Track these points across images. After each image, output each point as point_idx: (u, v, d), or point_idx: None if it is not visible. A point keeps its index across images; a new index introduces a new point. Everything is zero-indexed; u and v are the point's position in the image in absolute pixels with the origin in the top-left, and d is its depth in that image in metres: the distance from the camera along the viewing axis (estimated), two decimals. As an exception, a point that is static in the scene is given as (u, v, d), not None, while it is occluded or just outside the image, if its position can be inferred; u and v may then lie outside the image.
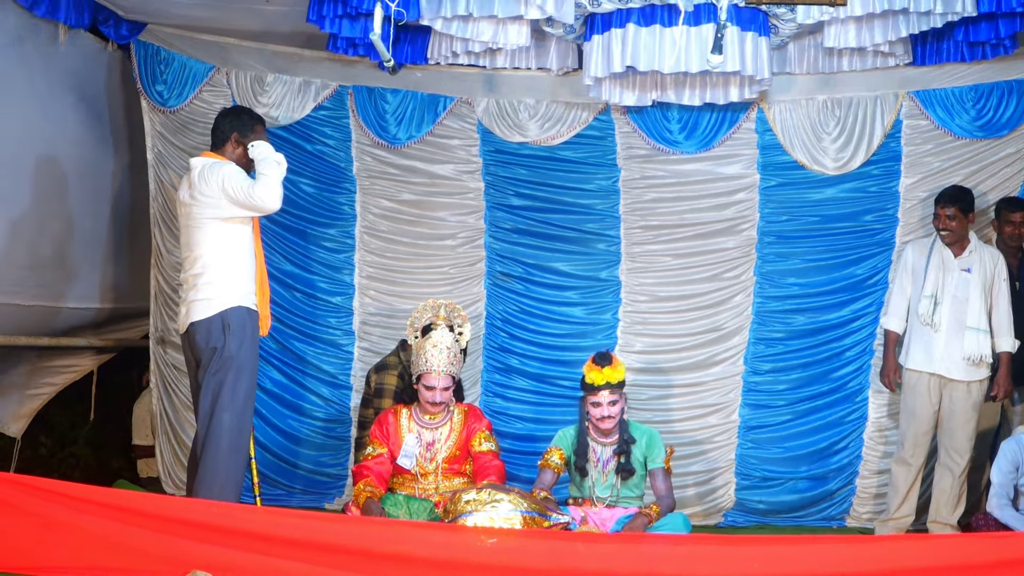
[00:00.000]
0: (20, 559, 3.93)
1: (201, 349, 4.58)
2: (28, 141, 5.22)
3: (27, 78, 5.18)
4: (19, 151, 5.15)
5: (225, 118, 4.72)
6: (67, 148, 5.56)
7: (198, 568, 3.77)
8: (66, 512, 4.01)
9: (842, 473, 5.99)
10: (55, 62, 5.36)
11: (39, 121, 5.30)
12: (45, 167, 5.41)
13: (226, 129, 4.66)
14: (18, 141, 5.13)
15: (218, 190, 4.48)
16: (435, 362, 4.83)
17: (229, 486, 4.56)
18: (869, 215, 5.98)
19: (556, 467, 4.92)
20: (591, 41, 5.27)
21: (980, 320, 5.39)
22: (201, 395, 4.58)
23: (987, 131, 5.77)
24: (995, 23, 5.16)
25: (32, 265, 5.32)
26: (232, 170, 4.54)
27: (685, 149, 5.99)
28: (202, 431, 4.57)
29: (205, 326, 4.55)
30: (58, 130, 5.47)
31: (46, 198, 5.43)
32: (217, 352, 4.54)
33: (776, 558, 3.91)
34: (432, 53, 5.62)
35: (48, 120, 5.37)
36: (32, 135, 5.25)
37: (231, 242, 4.58)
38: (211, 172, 4.52)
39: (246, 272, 4.63)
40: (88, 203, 5.82)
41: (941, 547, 4.08)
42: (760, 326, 6.03)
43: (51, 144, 5.42)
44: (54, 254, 5.55)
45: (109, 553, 3.94)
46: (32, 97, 5.23)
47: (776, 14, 5.16)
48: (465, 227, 6.16)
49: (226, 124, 4.67)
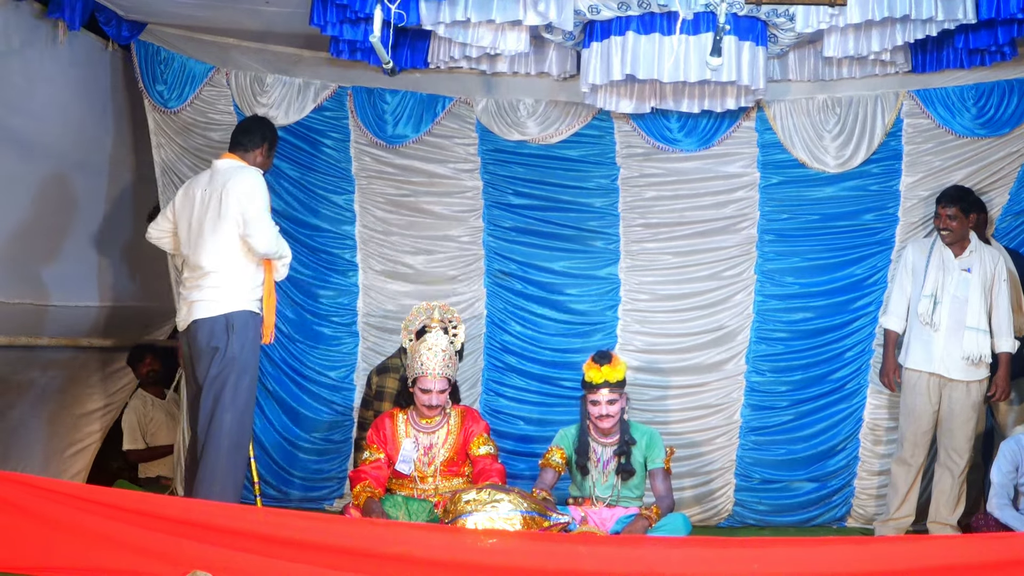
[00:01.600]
0: (20, 559, 3.94)
1: (201, 348, 4.61)
2: (30, 140, 5.22)
3: (29, 77, 5.18)
4: (20, 151, 5.15)
5: (263, 125, 4.86)
6: (70, 147, 5.57)
7: (198, 568, 3.78)
8: (66, 512, 4.02)
9: (841, 474, 5.99)
10: (57, 61, 5.36)
11: (42, 120, 5.30)
12: (48, 167, 5.41)
13: (260, 137, 4.79)
14: (20, 140, 5.14)
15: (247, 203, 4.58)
16: (430, 365, 4.82)
17: (229, 486, 4.61)
18: (869, 214, 5.97)
19: (557, 466, 4.92)
20: (589, 48, 5.28)
21: (980, 320, 5.39)
22: (202, 396, 4.61)
23: (988, 129, 5.76)
24: (994, 30, 5.16)
25: (35, 265, 5.31)
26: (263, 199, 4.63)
27: (685, 147, 5.98)
28: (203, 431, 4.61)
29: (208, 325, 4.59)
30: (61, 129, 5.47)
31: (49, 198, 5.44)
32: (219, 353, 4.58)
33: (776, 559, 3.91)
34: (432, 57, 5.63)
35: (50, 120, 5.37)
36: (34, 135, 5.25)
37: (244, 247, 4.65)
38: (240, 181, 4.60)
39: (254, 277, 4.71)
40: (91, 203, 5.83)
41: (941, 547, 4.09)
42: (761, 325, 6.02)
43: (54, 144, 5.43)
44: (58, 253, 5.55)
45: (109, 553, 3.95)
46: (34, 97, 5.23)
47: (775, 23, 5.17)
48: (464, 226, 6.15)
49: (264, 131, 4.81)
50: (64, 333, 5.74)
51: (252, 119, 4.96)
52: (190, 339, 4.66)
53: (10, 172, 5.08)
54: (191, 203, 4.73)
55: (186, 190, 4.84)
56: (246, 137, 4.81)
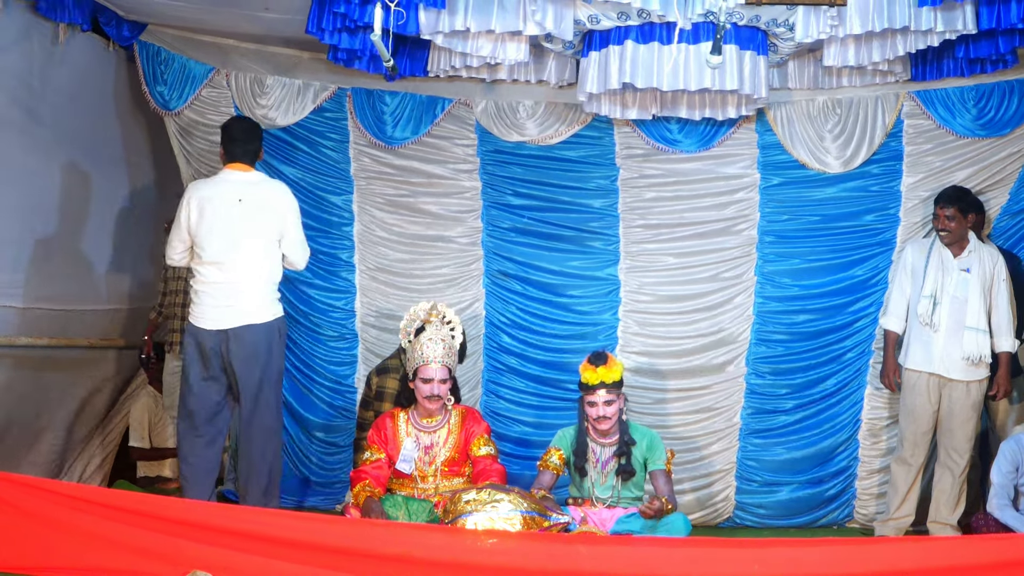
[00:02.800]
0: (20, 559, 3.94)
1: (246, 352, 4.89)
2: (33, 140, 5.22)
3: (31, 77, 5.18)
4: (22, 151, 5.15)
5: (258, 132, 5.11)
6: (73, 147, 5.58)
7: (198, 568, 3.78)
8: (66, 512, 4.03)
9: (841, 475, 5.98)
10: (60, 61, 5.36)
11: (44, 120, 5.30)
12: (51, 167, 5.41)
13: (259, 147, 5.09)
14: (21, 140, 5.13)
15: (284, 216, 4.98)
16: (430, 354, 4.84)
17: (276, 480, 5.05)
18: (870, 215, 5.96)
19: (555, 468, 4.92)
20: (588, 58, 5.29)
21: (979, 320, 5.39)
22: (243, 397, 4.94)
23: (989, 130, 5.75)
24: (995, 40, 5.16)
25: (37, 266, 5.32)
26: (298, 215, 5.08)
27: (685, 148, 5.98)
28: (248, 431, 4.99)
29: (260, 331, 4.91)
30: (64, 129, 5.47)
31: (52, 198, 5.44)
32: (267, 357, 4.93)
33: (776, 559, 3.91)
34: (432, 67, 5.65)
35: (54, 119, 5.37)
36: (37, 134, 5.25)
37: (278, 254, 5.02)
38: (280, 194, 5.02)
39: (279, 283, 5.07)
40: (97, 203, 5.84)
41: (941, 548, 4.10)
42: (762, 327, 6.02)
43: (57, 143, 5.43)
44: (64, 255, 5.55)
45: (109, 553, 3.96)
46: (37, 96, 5.23)
47: (775, 33, 5.17)
48: (463, 226, 6.15)
49: (260, 142, 5.10)
50: (83, 334, 5.75)
51: (249, 129, 5.10)
52: (227, 343, 4.88)
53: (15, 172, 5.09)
54: (217, 215, 4.90)
55: (201, 204, 4.94)
56: (249, 145, 5.04)
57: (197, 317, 4.94)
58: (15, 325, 5.18)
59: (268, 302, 4.96)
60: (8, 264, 5.11)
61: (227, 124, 5.17)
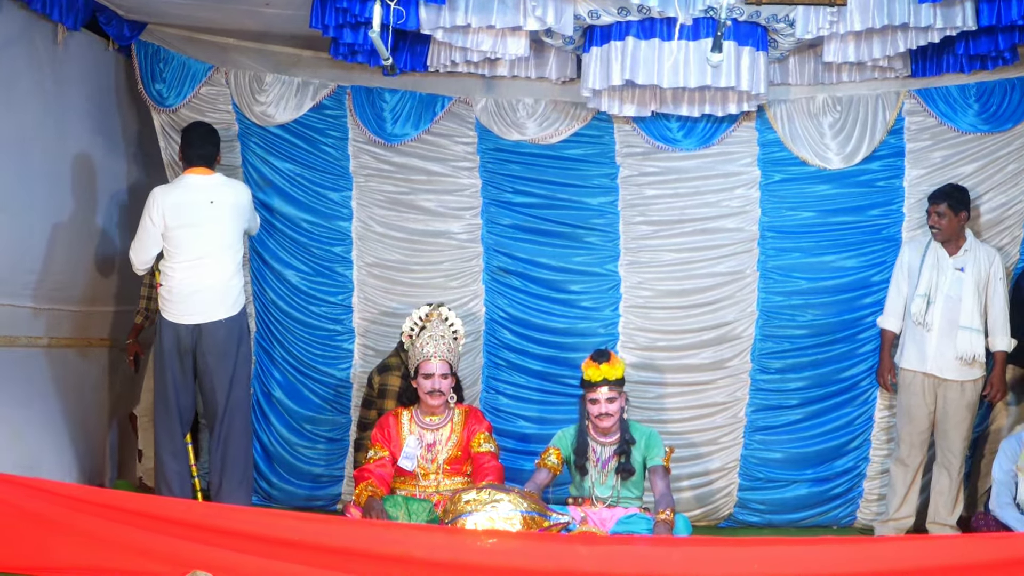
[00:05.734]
0: (20, 559, 3.95)
1: (218, 345, 5.11)
2: (33, 141, 5.22)
3: (31, 77, 5.18)
4: (23, 151, 5.14)
5: (216, 139, 5.33)
6: (73, 147, 5.57)
7: (198, 568, 3.79)
8: (66, 512, 4.04)
9: (848, 475, 5.95)
10: (59, 61, 5.36)
11: (44, 120, 5.30)
12: (51, 167, 5.40)
13: (216, 151, 5.33)
14: (23, 141, 5.13)
15: (248, 210, 5.29)
16: (432, 349, 4.92)
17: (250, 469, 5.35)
18: (874, 210, 5.94)
19: (552, 467, 4.92)
20: (590, 53, 5.29)
21: (973, 319, 5.37)
22: (217, 391, 5.15)
23: (992, 124, 5.72)
24: (995, 36, 5.15)
25: (39, 267, 5.32)
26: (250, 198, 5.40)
27: (685, 147, 5.97)
28: (221, 422, 5.19)
29: (230, 324, 5.15)
30: (64, 129, 5.46)
31: (52, 198, 5.44)
32: (238, 349, 5.18)
33: (776, 558, 3.92)
34: (432, 61, 5.65)
35: (54, 119, 5.37)
36: (37, 134, 5.25)
37: (242, 249, 5.27)
38: (243, 192, 5.31)
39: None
40: (95, 202, 5.83)
41: (941, 547, 4.09)
42: (767, 323, 5.99)
43: (57, 143, 5.42)
44: (64, 255, 5.54)
45: (109, 553, 3.97)
46: (37, 96, 5.23)
47: (775, 29, 5.16)
48: (462, 223, 6.14)
49: (217, 146, 5.33)
50: (77, 334, 5.76)
51: (206, 134, 5.29)
52: (202, 337, 5.09)
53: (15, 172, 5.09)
54: (194, 217, 5.10)
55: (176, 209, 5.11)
56: (207, 149, 5.26)
57: (175, 314, 5.12)
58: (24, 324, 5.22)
59: (238, 294, 5.20)
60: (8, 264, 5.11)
61: (186, 129, 5.37)
